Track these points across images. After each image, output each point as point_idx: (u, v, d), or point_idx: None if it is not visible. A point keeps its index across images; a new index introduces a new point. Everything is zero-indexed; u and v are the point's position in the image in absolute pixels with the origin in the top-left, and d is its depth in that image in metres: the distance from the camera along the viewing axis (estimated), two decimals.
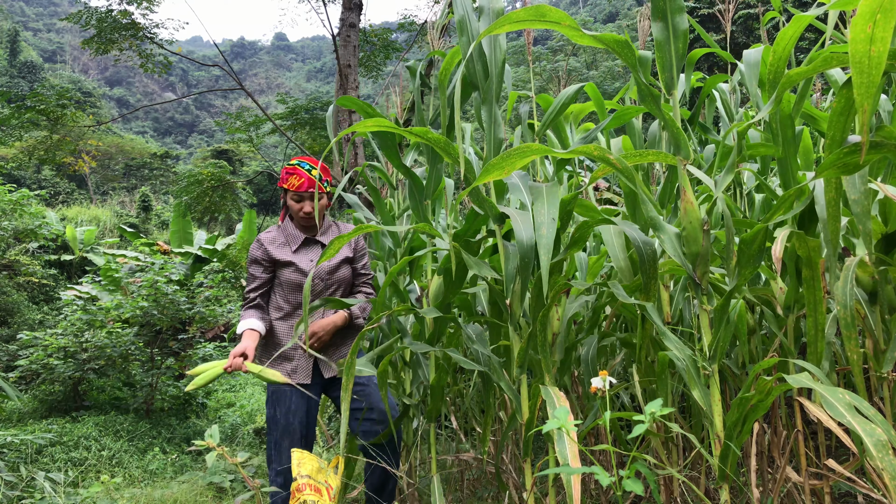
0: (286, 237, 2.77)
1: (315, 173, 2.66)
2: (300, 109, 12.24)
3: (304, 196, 2.68)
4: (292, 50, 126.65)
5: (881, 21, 1.24)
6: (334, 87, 8.87)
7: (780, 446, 2.43)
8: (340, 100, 2.69)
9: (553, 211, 1.76)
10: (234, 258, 10.05)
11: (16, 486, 3.77)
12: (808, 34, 13.29)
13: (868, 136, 1.40)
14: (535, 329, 2.02)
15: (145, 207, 22.53)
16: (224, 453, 1.96)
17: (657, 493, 1.92)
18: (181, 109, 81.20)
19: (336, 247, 2.01)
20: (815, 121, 2.48)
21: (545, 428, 1.50)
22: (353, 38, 8.77)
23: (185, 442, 6.19)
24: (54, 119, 10.52)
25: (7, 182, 12.02)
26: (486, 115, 2.16)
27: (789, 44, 1.75)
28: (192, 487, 4.33)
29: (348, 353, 2.13)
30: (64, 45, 79.29)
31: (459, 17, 2.10)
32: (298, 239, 2.75)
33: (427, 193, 2.67)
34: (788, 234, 1.88)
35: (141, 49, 10.92)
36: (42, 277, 12.45)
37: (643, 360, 2.32)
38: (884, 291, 2.13)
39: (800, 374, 1.61)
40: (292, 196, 2.68)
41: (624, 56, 1.82)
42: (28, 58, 47.03)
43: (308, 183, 2.65)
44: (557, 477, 2.11)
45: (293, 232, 2.77)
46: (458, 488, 3.28)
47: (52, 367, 6.45)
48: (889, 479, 1.32)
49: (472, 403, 3.60)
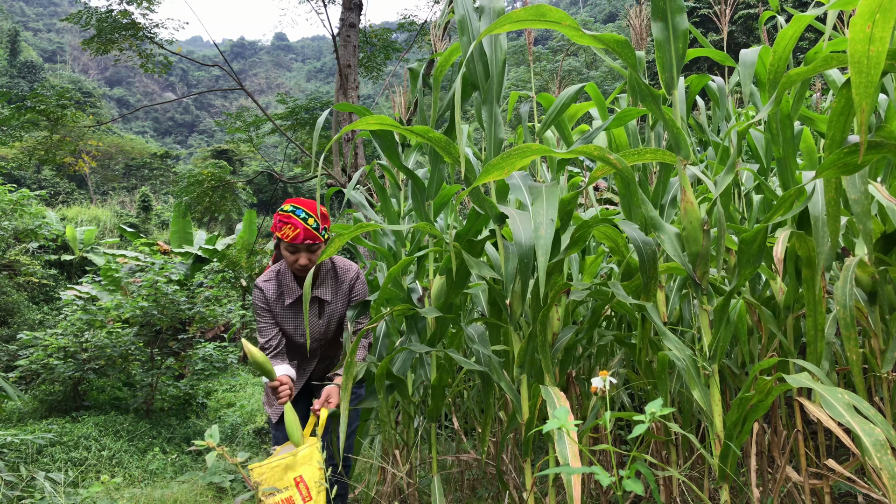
0: (283, 288, 2.60)
1: (311, 222, 2.45)
2: (300, 109, 12.25)
3: (300, 248, 2.46)
4: (292, 50, 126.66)
5: (880, 21, 1.24)
6: (334, 87, 8.87)
7: (780, 446, 2.43)
8: (338, 105, 2.69)
9: (552, 212, 1.76)
10: (234, 258, 10.05)
11: (16, 486, 3.77)
12: (807, 34, 13.30)
13: (867, 135, 1.41)
14: (535, 329, 2.02)
15: (145, 207, 22.53)
16: (224, 453, 1.96)
17: (657, 493, 1.92)
18: (181, 109, 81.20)
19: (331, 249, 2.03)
20: (812, 122, 2.49)
21: (545, 428, 1.50)
22: (353, 38, 8.77)
23: (185, 442, 6.19)
24: (54, 119, 10.53)
25: (7, 182, 12.02)
26: (486, 115, 2.16)
27: (789, 44, 1.76)
28: (192, 487, 4.33)
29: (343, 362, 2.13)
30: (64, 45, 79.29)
31: (460, 17, 2.11)
32: (294, 293, 2.59)
33: (429, 193, 2.67)
34: (789, 234, 1.88)
35: (141, 49, 10.92)
36: (42, 277, 12.45)
37: (642, 361, 2.32)
38: (883, 291, 2.13)
39: (800, 374, 1.61)
40: (286, 247, 2.47)
41: (624, 56, 1.82)
42: (28, 58, 47.04)
43: (304, 234, 2.42)
44: (557, 477, 2.12)
45: (290, 284, 2.59)
46: (458, 488, 3.28)
47: (52, 367, 6.45)
48: (888, 478, 1.33)
49: (472, 403, 3.60)
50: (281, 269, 2.62)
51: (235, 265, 10.07)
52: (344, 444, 2.44)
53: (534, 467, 2.32)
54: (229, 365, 8.18)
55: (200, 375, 7.45)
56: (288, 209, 2.46)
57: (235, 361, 8.27)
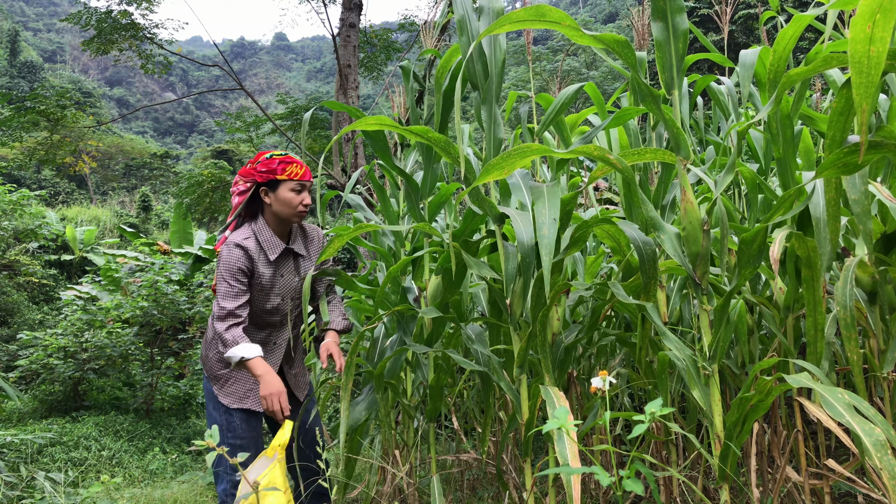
0: (263, 245, 2.45)
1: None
2: (300, 109, 12.25)
3: (306, 185, 2.46)
4: (292, 50, 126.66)
5: (880, 21, 1.24)
6: (334, 87, 8.87)
7: (780, 446, 2.43)
8: (329, 103, 2.67)
9: (554, 211, 1.76)
10: None
11: (16, 486, 3.77)
12: (807, 34, 13.30)
13: (867, 135, 1.41)
14: (535, 329, 2.02)
15: (145, 207, 22.53)
16: (224, 453, 1.96)
17: (657, 493, 1.92)
18: (181, 109, 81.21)
19: (319, 261, 2.01)
20: (812, 121, 2.49)
21: (545, 428, 1.50)
22: (353, 38, 8.77)
23: (185, 442, 6.19)
24: (54, 120, 10.53)
25: (7, 182, 12.02)
26: (485, 115, 2.16)
27: (789, 44, 1.76)
28: (192, 487, 4.33)
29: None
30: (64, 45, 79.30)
31: (459, 17, 2.10)
32: (277, 248, 2.46)
33: (423, 193, 2.67)
34: (787, 234, 1.88)
35: (141, 49, 10.92)
36: (42, 277, 12.45)
37: (643, 361, 2.32)
38: (884, 291, 2.13)
39: (800, 374, 1.61)
40: (292, 187, 2.42)
41: (624, 56, 1.82)
42: (28, 58, 47.04)
43: (307, 171, 2.46)
44: (557, 477, 2.12)
45: (270, 239, 2.46)
46: (458, 488, 3.28)
47: (52, 367, 6.45)
48: (888, 478, 1.33)
49: (472, 403, 3.60)
50: (256, 227, 2.47)
51: None
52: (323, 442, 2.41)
53: (534, 467, 2.32)
54: None
55: (200, 375, 7.44)
56: (277, 153, 2.44)
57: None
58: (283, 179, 2.41)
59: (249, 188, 2.45)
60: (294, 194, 2.43)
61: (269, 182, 2.42)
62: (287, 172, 2.40)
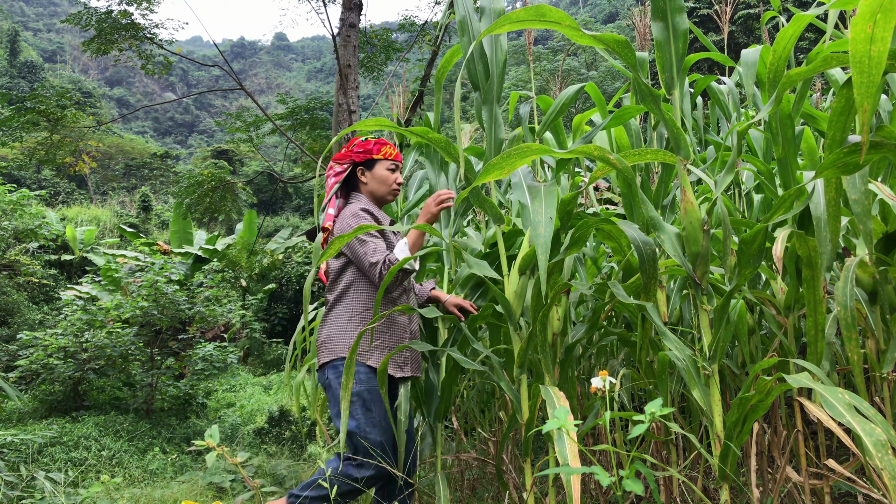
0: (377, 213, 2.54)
1: None
2: (300, 109, 12.23)
3: (399, 165, 2.59)
4: (292, 50, 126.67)
5: (881, 21, 1.24)
6: (334, 87, 8.87)
7: (780, 446, 2.42)
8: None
9: (550, 210, 1.76)
10: (234, 258, 10.05)
11: (16, 486, 3.77)
12: (808, 34, 13.30)
13: (868, 135, 1.40)
14: (535, 329, 2.02)
15: (145, 207, 22.53)
16: (224, 453, 1.96)
17: (657, 493, 1.92)
18: (181, 109, 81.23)
19: (337, 247, 2.02)
20: (814, 120, 2.49)
21: (545, 428, 1.50)
22: (353, 38, 8.77)
23: (185, 442, 6.19)
24: (54, 120, 10.51)
25: (7, 182, 12.02)
26: (486, 115, 2.17)
27: (789, 43, 1.75)
28: (192, 487, 4.32)
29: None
30: (64, 45, 79.31)
31: (461, 17, 2.11)
32: (385, 219, 2.59)
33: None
34: (788, 233, 1.88)
35: (141, 49, 10.91)
36: (42, 277, 12.46)
37: (643, 360, 2.32)
38: (884, 291, 2.13)
39: (800, 374, 1.60)
40: (388, 166, 2.54)
41: (624, 56, 1.82)
42: (28, 58, 47.04)
43: (399, 153, 2.58)
44: (557, 477, 2.12)
45: (377, 213, 2.56)
46: (458, 488, 3.28)
47: (52, 367, 6.45)
48: (888, 478, 1.32)
49: (473, 403, 3.60)
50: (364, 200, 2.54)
51: (235, 265, 10.07)
52: None
53: (534, 467, 2.32)
54: (229, 365, 8.18)
55: (200, 375, 7.45)
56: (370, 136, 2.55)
57: (235, 361, 8.27)
58: (379, 159, 2.53)
59: (346, 169, 2.56)
60: (389, 173, 2.55)
61: (365, 162, 2.54)
62: (383, 153, 2.53)
